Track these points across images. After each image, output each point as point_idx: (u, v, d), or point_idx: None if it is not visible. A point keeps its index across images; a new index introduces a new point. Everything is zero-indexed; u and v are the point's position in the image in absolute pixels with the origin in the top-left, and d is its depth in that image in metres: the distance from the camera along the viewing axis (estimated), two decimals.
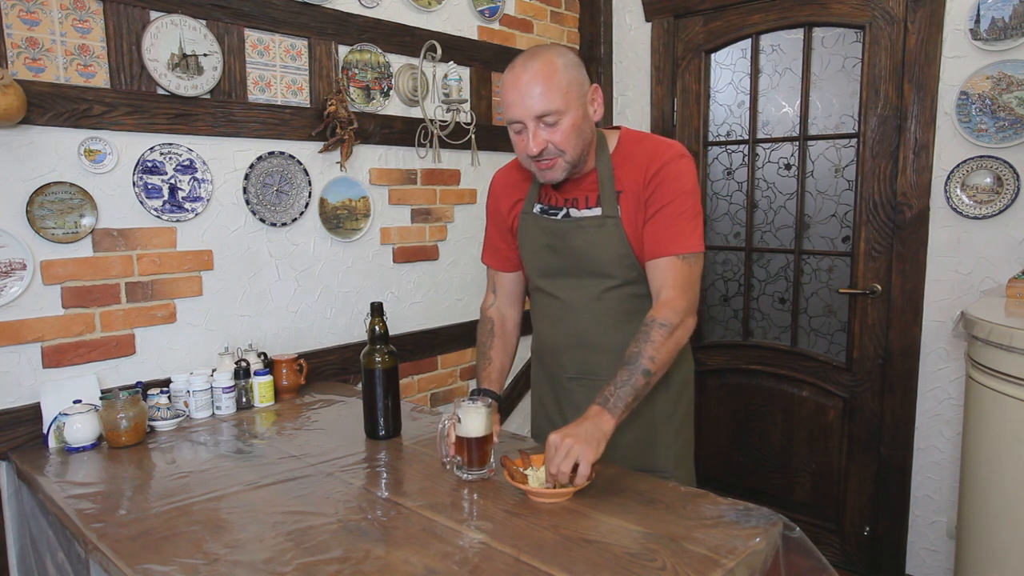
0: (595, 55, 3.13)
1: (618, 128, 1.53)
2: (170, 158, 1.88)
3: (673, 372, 1.53)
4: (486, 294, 1.74)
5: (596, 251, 1.47)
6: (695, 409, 1.58)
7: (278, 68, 2.10)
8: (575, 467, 1.23)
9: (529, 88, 1.33)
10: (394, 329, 2.38)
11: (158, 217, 1.87)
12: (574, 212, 1.49)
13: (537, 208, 1.55)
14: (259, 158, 2.06)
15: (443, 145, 2.53)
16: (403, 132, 2.42)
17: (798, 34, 2.65)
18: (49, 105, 1.65)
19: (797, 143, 2.69)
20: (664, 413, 1.55)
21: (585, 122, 1.39)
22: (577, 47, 3.17)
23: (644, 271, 1.46)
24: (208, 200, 1.96)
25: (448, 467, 1.40)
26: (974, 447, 1.91)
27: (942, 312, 2.38)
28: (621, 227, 1.43)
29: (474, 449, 1.34)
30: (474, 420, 1.33)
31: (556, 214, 1.51)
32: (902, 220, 2.42)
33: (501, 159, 2.79)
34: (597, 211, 1.46)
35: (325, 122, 2.16)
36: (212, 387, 1.84)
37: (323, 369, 2.24)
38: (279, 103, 2.11)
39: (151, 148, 1.84)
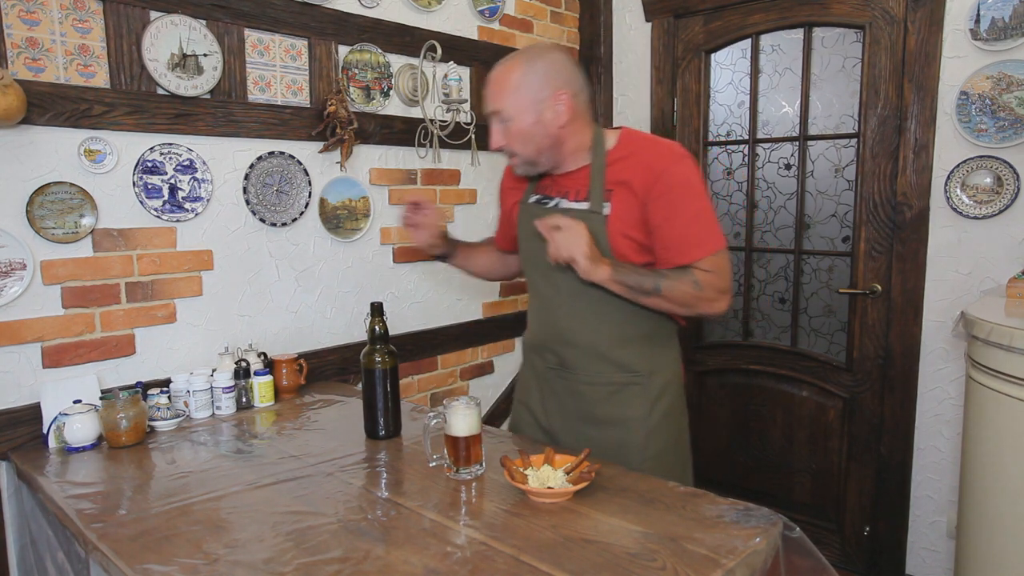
0: (595, 55, 3.13)
1: (619, 128, 1.55)
2: (170, 158, 1.88)
3: (654, 374, 1.56)
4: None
5: None
6: (696, 410, 1.60)
7: (278, 68, 2.10)
8: (574, 468, 1.25)
9: (488, 87, 1.49)
10: (394, 329, 2.38)
11: (158, 217, 1.87)
12: (564, 203, 1.53)
13: (534, 198, 1.60)
14: (259, 158, 2.06)
15: (443, 145, 2.53)
16: (403, 132, 2.42)
17: (798, 34, 2.65)
18: (49, 105, 1.65)
19: (797, 143, 2.69)
20: (638, 415, 1.55)
21: (537, 127, 1.45)
22: (577, 47, 3.17)
23: None
24: (208, 200, 1.96)
25: (434, 466, 1.41)
26: (974, 447, 1.91)
27: (942, 312, 2.38)
28: (604, 225, 1.46)
29: (463, 448, 1.35)
30: (462, 420, 1.34)
31: (548, 203, 1.56)
32: (902, 220, 2.42)
33: (501, 159, 2.76)
34: (585, 205, 1.49)
35: (325, 122, 2.16)
36: (212, 387, 1.84)
37: (323, 369, 2.24)
38: (279, 103, 2.11)
39: (151, 148, 1.84)
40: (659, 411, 1.57)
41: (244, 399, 1.90)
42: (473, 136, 2.56)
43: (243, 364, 1.91)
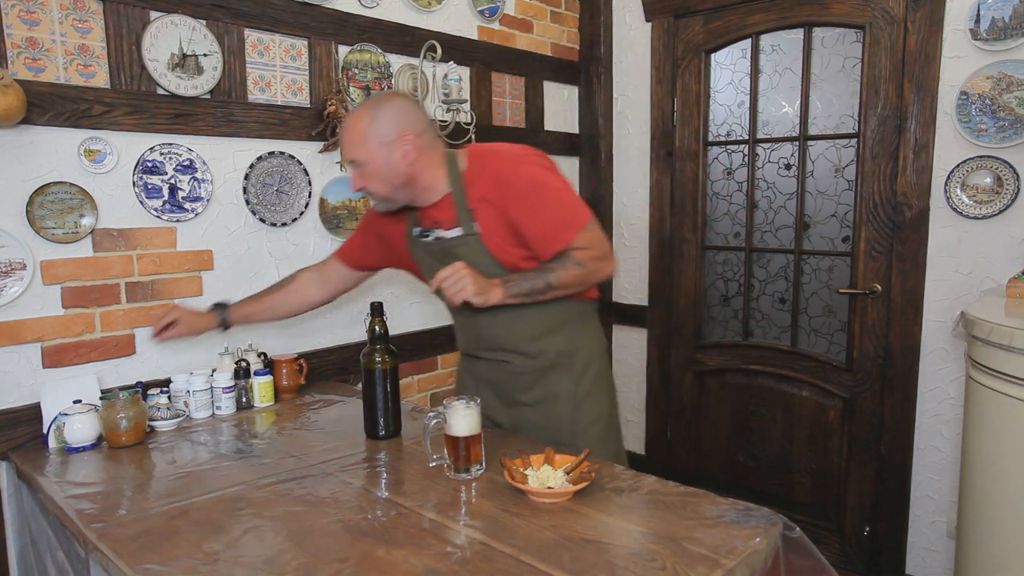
0: (595, 55, 3.13)
1: (467, 147, 1.65)
2: (170, 158, 1.88)
3: (576, 353, 1.67)
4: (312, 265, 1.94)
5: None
6: (696, 410, 1.62)
7: (278, 68, 2.10)
8: (574, 468, 1.26)
9: (343, 135, 1.59)
10: (394, 329, 2.38)
11: (158, 217, 1.87)
12: (438, 233, 1.62)
13: (416, 231, 1.69)
14: (259, 158, 2.06)
15: None
16: None
17: (798, 34, 2.65)
18: (49, 105, 1.65)
19: (797, 143, 2.69)
20: (565, 391, 1.67)
21: (388, 168, 1.54)
22: (577, 47, 3.17)
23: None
24: (208, 200, 1.96)
25: (434, 466, 1.41)
26: (974, 447, 1.91)
27: (942, 312, 2.38)
28: (481, 242, 1.55)
29: (463, 448, 1.35)
30: (462, 420, 1.34)
31: (428, 236, 1.65)
32: (902, 220, 2.42)
33: None
34: (458, 231, 1.57)
35: (325, 122, 2.16)
36: (212, 387, 1.84)
37: (323, 369, 2.24)
38: (279, 103, 2.11)
39: (151, 148, 1.84)
40: (584, 386, 1.68)
41: (244, 399, 1.90)
42: (473, 136, 2.56)
43: (243, 364, 1.91)
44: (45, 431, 1.64)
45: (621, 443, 1.79)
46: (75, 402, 1.65)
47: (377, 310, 1.59)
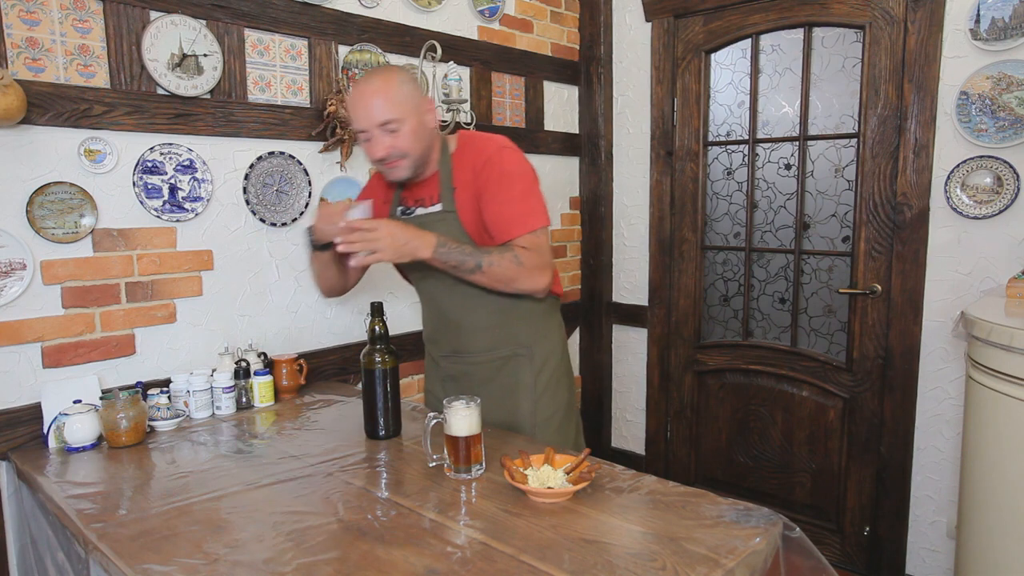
0: (595, 55, 3.13)
1: (458, 132, 1.71)
2: (170, 158, 1.88)
3: (535, 346, 1.73)
4: None
5: None
6: (696, 410, 1.63)
7: (278, 68, 2.10)
8: (574, 468, 1.27)
9: (371, 100, 1.54)
10: (394, 329, 2.38)
11: (158, 217, 1.87)
12: (420, 210, 1.68)
13: (399, 211, 1.73)
14: (259, 158, 2.06)
15: None
16: None
17: (798, 34, 2.65)
18: (49, 105, 1.65)
19: (797, 143, 2.69)
20: (525, 383, 1.72)
21: (422, 128, 1.57)
22: (577, 47, 3.17)
23: None
24: (208, 200, 1.96)
25: (434, 466, 1.41)
26: (974, 447, 1.91)
27: (942, 312, 2.38)
28: (458, 220, 1.61)
29: (463, 448, 1.35)
30: (462, 420, 1.34)
31: (411, 213, 1.70)
32: (902, 220, 2.42)
33: None
34: (438, 207, 1.64)
35: (325, 122, 2.16)
36: (212, 387, 1.84)
37: (323, 369, 2.24)
38: (279, 103, 2.11)
39: (151, 148, 1.84)
40: (544, 379, 1.74)
41: (244, 399, 1.90)
42: None
43: (243, 364, 1.91)
44: (45, 431, 1.64)
45: (580, 433, 1.87)
46: (75, 402, 1.65)
47: (377, 310, 1.59)
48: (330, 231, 1.60)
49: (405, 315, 2.52)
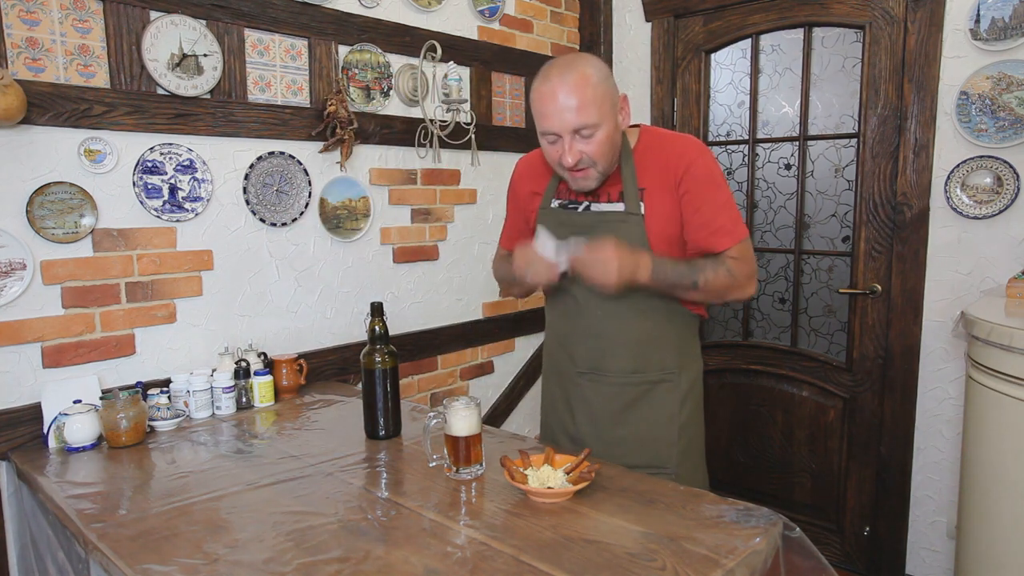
0: (595, 55, 3.13)
1: (637, 125, 1.55)
2: (170, 158, 1.88)
3: (683, 372, 1.59)
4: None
5: None
6: None
7: (278, 68, 2.10)
8: (574, 468, 1.26)
9: (566, 102, 1.34)
10: (394, 329, 2.38)
11: (158, 217, 1.87)
12: (595, 206, 1.51)
13: (555, 203, 1.58)
14: (259, 158, 2.06)
15: (443, 145, 2.53)
16: (403, 132, 2.42)
17: (798, 34, 2.65)
18: (49, 105, 1.65)
19: (797, 143, 2.69)
20: (669, 411, 1.58)
21: (616, 133, 1.42)
22: (577, 47, 3.17)
23: None
24: (208, 200, 1.96)
25: (434, 466, 1.41)
26: (974, 447, 1.91)
27: (942, 312, 2.38)
28: (643, 225, 1.46)
29: (463, 448, 1.35)
30: (462, 420, 1.34)
31: (577, 207, 1.54)
32: (902, 220, 2.42)
33: (501, 159, 2.79)
34: (620, 206, 1.48)
35: (325, 122, 2.16)
36: (212, 387, 1.84)
37: (323, 369, 2.24)
38: (279, 103, 2.11)
39: (151, 148, 1.84)
40: (688, 407, 1.60)
41: (244, 399, 1.90)
42: (473, 136, 2.56)
43: (243, 364, 1.91)
44: (45, 431, 1.64)
45: (705, 469, 1.74)
46: (75, 402, 1.65)
47: (377, 310, 1.59)
48: (542, 270, 1.45)
49: (405, 315, 2.52)
